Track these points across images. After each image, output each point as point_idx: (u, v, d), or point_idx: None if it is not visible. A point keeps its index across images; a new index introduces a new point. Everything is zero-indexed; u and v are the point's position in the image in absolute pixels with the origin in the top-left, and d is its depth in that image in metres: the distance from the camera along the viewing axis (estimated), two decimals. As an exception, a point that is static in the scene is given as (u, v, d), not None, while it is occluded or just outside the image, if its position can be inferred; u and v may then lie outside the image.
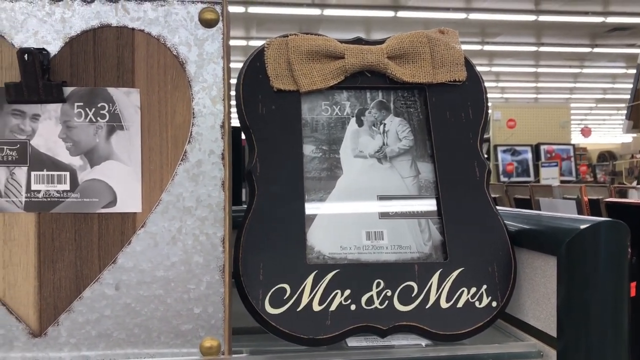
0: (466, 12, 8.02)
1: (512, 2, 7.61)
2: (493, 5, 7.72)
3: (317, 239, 0.71)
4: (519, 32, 8.81)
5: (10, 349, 0.60)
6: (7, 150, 0.60)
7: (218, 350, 0.62)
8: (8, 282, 0.60)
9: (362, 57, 0.76)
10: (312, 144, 0.75)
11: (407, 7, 7.79)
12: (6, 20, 0.60)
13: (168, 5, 0.62)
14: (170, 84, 0.62)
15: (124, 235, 0.61)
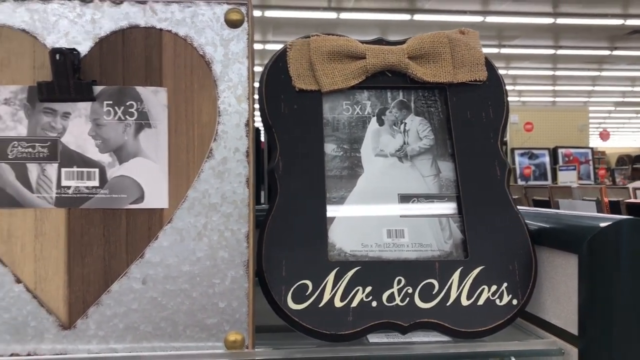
0: (483, 15, 7.99)
1: (529, 4, 7.56)
2: (510, 8, 7.68)
3: (339, 236, 0.72)
4: (537, 35, 8.75)
5: (41, 340, 0.62)
6: (38, 147, 0.62)
7: (242, 344, 0.63)
8: (39, 275, 0.62)
9: (383, 57, 0.77)
10: (333, 143, 0.76)
11: (424, 10, 7.78)
12: (39, 21, 0.62)
13: (195, 7, 0.63)
14: (196, 83, 0.63)
15: (151, 230, 0.63)
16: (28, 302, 0.62)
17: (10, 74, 0.62)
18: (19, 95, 0.62)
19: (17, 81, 0.62)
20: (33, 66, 0.62)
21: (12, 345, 0.61)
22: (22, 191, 0.62)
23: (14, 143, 0.62)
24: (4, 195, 0.62)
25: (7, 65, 0.62)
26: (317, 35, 0.79)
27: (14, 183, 0.62)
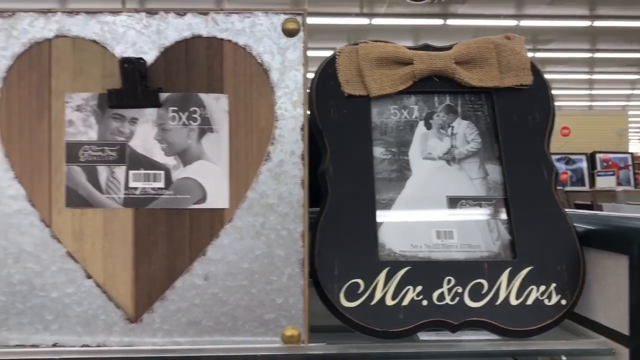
0: (517, 19, 7.90)
1: (565, 8, 7.45)
2: (545, 11, 7.58)
3: (388, 237, 0.74)
4: (573, 39, 8.61)
5: (109, 333, 0.66)
6: (108, 151, 0.66)
7: (298, 339, 0.66)
8: (108, 272, 0.66)
9: (430, 62, 0.79)
10: (381, 147, 0.78)
11: (457, 15, 7.74)
12: (108, 32, 0.67)
13: (254, 17, 0.67)
14: (255, 90, 0.66)
15: (213, 229, 0.66)
16: (98, 296, 0.66)
17: (82, 82, 0.66)
18: (90, 102, 0.66)
19: (88, 89, 0.66)
20: (103, 74, 0.66)
21: (83, 337, 0.65)
22: (92, 192, 0.66)
23: (85, 147, 0.66)
24: (76, 196, 0.66)
25: (79, 74, 0.66)
26: (365, 42, 0.81)
27: (85, 184, 0.66)
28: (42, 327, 0.65)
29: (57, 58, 0.66)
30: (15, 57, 0.66)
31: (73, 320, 0.65)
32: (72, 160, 0.66)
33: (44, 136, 0.66)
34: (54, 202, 0.66)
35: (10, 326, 0.65)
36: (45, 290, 0.65)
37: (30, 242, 0.66)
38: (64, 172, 0.66)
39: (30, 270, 0.65)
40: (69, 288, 0.66)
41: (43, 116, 0.66)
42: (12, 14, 0.66)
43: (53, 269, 0.66)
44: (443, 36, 8.31)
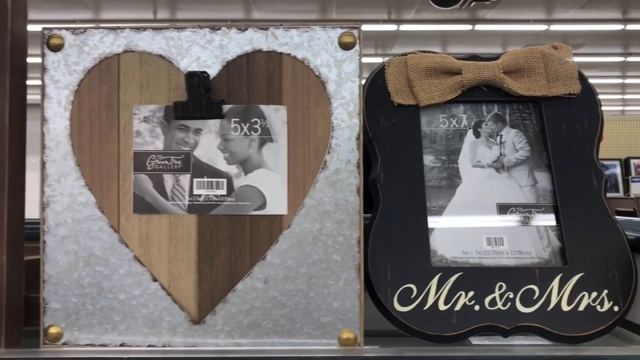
0: (547, 24, 7.82)
1: (597, 11, 7.34)
2: (576, 15, 7.48)
3: (440, 243, 0.76)
4: (605, 43, 8.47)
5: (174, 334, 0.69)
6: (173, 160, 0.69)
7: (355, 341, 0.68)
8: (173, 275, 0.69)
9: (478, 72, 0.81)
10: (431, 155, 0.80)
11: (485, 20, 7.69)
12: (174, 47, 0.70)
13: (311, 31, 0.69)
14: (312, 101, 0.69)
15: (272, 235, 0.69)
16: (163, 299, 0.69)
17: (148, 94, 0.70)
18: (157, 113, 0.70)
19: (155, 101, 0.70)
20: (169, 87, 0.70)
21: (149, 337, 0.69)
22: (158, 199, 0.69)
23: (152, 156, 0.69)
24: (143, 203, 0.69)
25: (146, 87, 0.70)
26: (414, 52, 0.83)
27: (151, 192, 0.69)
28: (110, 327, 0.69)
29: (126, 72, 0.70)
30: (86, 71, 0.70)
31: (139, 322, 0.69)
32: (139, 169, 0.69)
33: (113, 146, 0.70)
34: (122, 208, 0.69)
35: (81, 326, 0.69)
36: (114, 293, 0.69)
37: (99, 246, 0.69)
38: (131, 180, 0.69)
39: (99, 274, 0.69)
40: (136, 290, 0.69)
41: (112, 127, 0.70)
42: (83, 31, 0.70)
43: (121, 272, 0.69)
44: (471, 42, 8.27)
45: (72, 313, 0.69)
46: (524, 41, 8.43)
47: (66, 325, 0.69)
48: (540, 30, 7.84)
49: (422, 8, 7.17)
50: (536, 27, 7.76)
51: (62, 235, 0.69)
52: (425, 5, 6.93)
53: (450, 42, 8.48)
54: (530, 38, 8.35)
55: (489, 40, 8.48)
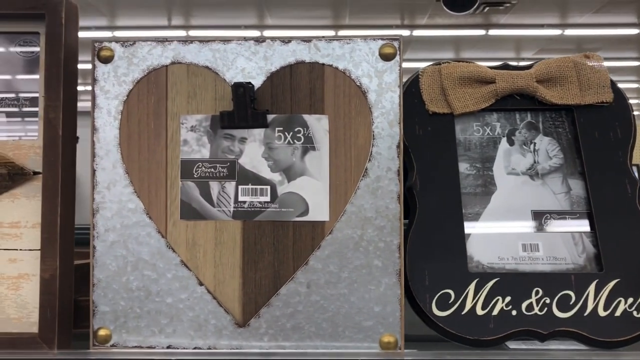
0: (561, 29, 7.78)
1: (612, 15, 7.30)
2: (591, 20, 7.44)
3: (476, 249, 0.77)
4: (620, 47, 8.42)
5: (219, 337, 0.71)
6: (219, 168, 0.72)
7: (395, 345, 0.69)
8: (218, 279, 0.71)
9: (512, 81, 0.83)
10: (466, 162, 0.82)
11: (499, 25, 7.67)
12: (220, 59, 0.72)
13: (353, 43, 0.72)
14: (354, 110, 0.71)
15: (315, 240, 0.71)
16: (209, 302, 0.71)
17: (195, 104, 0.72)
18: (203, 123, 0.72)
19: (202, 111, 0.72)
20: (215, 97, 0.72)
21: (195, 340, 0.71)
22: (205, 205, 0.71)
23: (198, 164, 0.72)
24: (190, 209, 0.72)
25: (193, 97, 0.72)
26: (448, 62, 0.85)
27: (198, 198, 0.72)
28: (157, 330, 0.71)
29: (173, 82, 0.72)
30: (135, 82, 0.73)
31: (186, 324, 0.71)
32: (186, 176, 0.72)
33: (161, 154, 0.72)
34: (170, 214, 0.72)
35: (129, 329, 0.71)
36: (161, 296, 0.71)
37: (147, 251, 0.72)
38: (179, 187, 0.72)
39: (147, 278, 0.71)
40: (183, 294, 0.71)
41: (160, 136, 0.72)
42: (132, 43, 0.73)
43: (168, 276, 0.71)
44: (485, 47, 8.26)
45: (121, 316, 0.71)
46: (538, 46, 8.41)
47: (115, 327, 0.71)
48: (555, 34, 7.81)
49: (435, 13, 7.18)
50: (550, 31, 7.73)
51: (111, 240, 0.72)
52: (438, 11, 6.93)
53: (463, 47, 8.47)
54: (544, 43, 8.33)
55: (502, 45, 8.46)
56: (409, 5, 7.17)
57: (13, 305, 0.72)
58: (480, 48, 8.28)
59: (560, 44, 8.09)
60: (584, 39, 8.07)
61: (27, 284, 0.72)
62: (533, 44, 8.68)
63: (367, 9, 7.10)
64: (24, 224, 0.72)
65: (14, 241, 0.72)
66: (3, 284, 0.72)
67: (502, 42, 8.09)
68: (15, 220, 0.72)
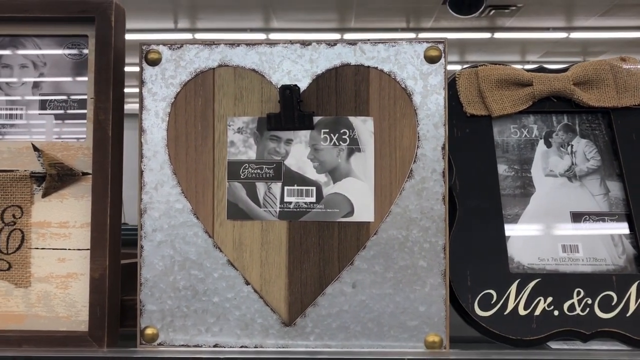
0: (567, 32, 7.78)
1: (617, 19, 7.30)
2: (596, 23, 7.45)
3: (516, 250, 0.78)
4: (626, 50, 8.41)
5: (266, 336, 0.72)
6: (265, 169, 0.73)
7: (440, 344, 0.70)
8: (264, 278, 0.72)
9: (549, 84, 0.83)
10: (504, 164, 0.83)
11: (504, 28, 7.68)
12: (266, 62, 0.73)
13: (398, 46, 0.72)
14: (399, 112, 0.72)
15: (360, 241, 0.71)
16: (255, 301, 0.72)
17: (242, 106, 0.73)
18: (250, 125, 0.73)
19: (248, 113, 0.73)
20: (261, 100, 0.73)
21: (241, 339, 0.72)
22: (251, 206, 0.72)
23: (245, 165, 0.73)
24: (236, 210, 0.72)
25: (239, 99, 0.73)
26: (484, 65, 0.86)
27: (245, 199, 0.72)
28: (204, 329, 0.72)
29: (220, 85, 0.73)
30: (182, 84, 0.74)
31: (232, 323, 0.72)
32: (233, 177, 0.73)
33: (208, 155, 0.73)
34: (217, 215, 0.72)
35: (176, 328, 0.72)
36: (208, 295, 0.72)
37: (194, 251, 0.72)
38: (225, 188, 0.73)
39: (194, 277, 0.72)
40: (229, 293, 0.72)
41: (207, 137, 0.73)
42: (180, 46, 0.74)
43: (215, 275, 0.72)
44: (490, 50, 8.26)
45: (168, 315, 0.72)
46: (544, 49, 8.41)
47: (162, 326, 0.72)
48: (560, 37, 7.81)
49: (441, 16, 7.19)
50: (556, 35, 7.74)
51: (158, 240, 0.73)
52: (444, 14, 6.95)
53: (469, 50, 8.47)
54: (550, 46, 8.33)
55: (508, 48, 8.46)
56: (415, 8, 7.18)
57: (62, 304, 0.73)
58: (486, 51, 8.28)
59: (566, 47, 8.10)
60: (590, 42, 8.08)
61: (75, 283, 0.73)
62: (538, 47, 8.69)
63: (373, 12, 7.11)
64: (73, 224, 0.73)
65: (62, 241, 0.73)
66: (52, 283, 0.73)
67: (507, 45, 8.09)
68: (64, 220, 0.73)
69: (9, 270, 0.73)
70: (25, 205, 0.73)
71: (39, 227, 0.74)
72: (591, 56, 8.95)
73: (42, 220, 0.74)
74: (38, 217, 0.74)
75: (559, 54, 8.76)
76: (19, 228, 0.73)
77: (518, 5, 6.81)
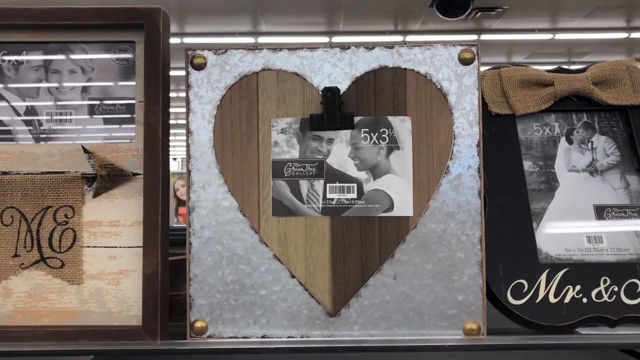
0: (552, 33, 7.91)
1: (601, 20, 7.43)
2: (581, 24, 7.57)
3: (544, 242, 0.82)
4: (609, 51, 8.57)
5: (312, 326, 0.75)
6: (308, 167, 0.76)
7: (478, 332, 0.74)
8: (309, 271, 0.75)
9: (570, 84, 0.88)
10: (529, 160, 0.87)
11: (491, 30, 7.78)
12: (307, 65, 0.77)
13: (433, 49, 0.76)
14: (435, 112, 0.76)
15: (400, 234, 0.75)
16: (301, 293, 0.75)
17: (285, 108, 0.77)
18: (293, 125, 0.77)
19: (291, 114, 0.77)
20: (303, 102, 0.77)
21: (288, 329, 0.75)
22: (295, 203, 0.76)
23: (288, 164, 0.76)
24: (281, 206, 0.76)
25: (282, 102, 0.77)
26: (507, 66, 0.90)
27: (289, 196, 0.76)
28: (252, 321, 0.75)
29: (264, 88, 0.77)
30: (227, 88, 0.77)
31: (279, 315, 0.75)
32: (277, 175, 0.76)
33: (253, 155, 0.76)
34: (262, 211, 0.76)
35: (225, 320, 0.75)
36: (255, 289, 0.75)
37: (241, 246, 0.76)
38: (270, 186, 0.76)
39: (241, 271, 0.75)
40: (276, 286, 0.75)
41: (252, 138, 0.76)
42: (224, 51, 0.77)
43: (262, 269, 0.75)
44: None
45: (217, 308, 0.75)
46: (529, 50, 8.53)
47: (211, 319, 0.75)
48: (545, 39, 7.93)
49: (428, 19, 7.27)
50: (541, 36, 7.86)
51: (206, 237, 0.76)
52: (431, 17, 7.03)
53: (457, 52, 8.52)
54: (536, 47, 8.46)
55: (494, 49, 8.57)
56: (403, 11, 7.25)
57: (114, 300, 0.75)
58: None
59: (551, 48, 8.23)
60: (574, 42, 8.21)
61: (126, 279, 0.76)
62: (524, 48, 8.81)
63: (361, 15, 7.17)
64: (123, 223, 0.76)
65: (113, 239, 0.76)
66: (104, 279, 0.76)
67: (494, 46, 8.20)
68: (114, 219, 0.76)
69: (62, 268, 0.76)
70: (76, 205, 0.76)
71: (90, 226, 0.76)
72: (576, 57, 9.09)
73: (93, 219, 0.76)
74: (89, 217, 0.76)
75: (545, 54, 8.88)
76: (71, 227, 0.76)
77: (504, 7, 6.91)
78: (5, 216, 0.76)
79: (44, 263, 0.76)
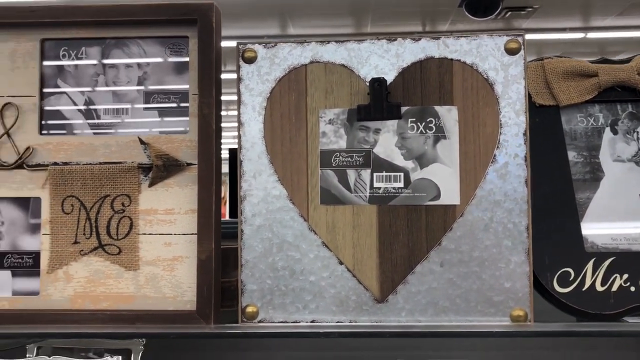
0: (584, 32, 7.77)
1: (635, 18, 7.28)
2: (614, 22, 7.43)
3: (590, 231, 0.82)
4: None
5: (360, 312, 0.77)
6: (355, 157, 0.78)
7: (525, 318, 0.75)
8: (357, 258, 0.77)
9: (614, 74, 0.88)
10: (573, 151, 0.87)
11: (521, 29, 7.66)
12: (354, 57, 0.79)
13: (479, 39, 0.78)
14: (481, 101, 0.77)
15: (446, 223, 0.76)
16: (349, 280, 0.77)
17: (332, 99, 0.79)
18: (340, 116, 0.79)
19: (338, 105, 0.79)
20: (350, 93, 0.79)
21: (337, 315, 0.77)
22: (343, 191, 0.78)
23: (336, 154, 0.78)
24: (329, 195, 0.78)
25: (330, 93, 0.79)
26: (550, 57, 0.91)
27: (337, 185, 0.78)
28: (301, 306, 0.77)
29: (312, 80, 0.79)
30: (277, 80, 0.79)
31: (328, 301, 0.77)
32: (325, 165, 0.78)
33: (301, 145, 0.78)
34: (311, 200, 0.78)
35: (275, 305, 0.77)
36: (304, 275, 0.77)
37: (291, 234, 0.78)
38: (318, 175, 0.78)
39: (291, 258, 0.78)
40: (324, 273, 0.77)
41: (301, 129, 0.79)
42: (274, 45, 0.79)
43: (310, 256, 0.77)
44: (507, 51, 8.25)
45: (267, 294, 0.78)
46: (560, 50, 8.40)
47: (262, 304, 0.78)
48: (577, 38, 7.80)
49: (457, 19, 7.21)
50: (572, 35, 7.73)
51: (257, 224, 0.78)
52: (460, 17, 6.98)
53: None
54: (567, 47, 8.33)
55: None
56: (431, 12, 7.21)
57: (168, 285, 0.78)
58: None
59: (583, 47, 8.09)
60: (607, 41, 8.06)
61: (180, 266, 0.78)
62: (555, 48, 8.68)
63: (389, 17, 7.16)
64: (178, 211, 0.79)
65: (168, 226, 0.79)
66: (159, 265, 0.79)
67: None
68: (169, 207, 0.79)
69: (119, 254, 0.79)
70: (133, 194, 0.79)
71: (146, 214, 0.79)
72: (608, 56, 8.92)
73: (149, 207, 0.79)
74: (145, 205, 0.79)
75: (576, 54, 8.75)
76: (128, 215, 0.79)
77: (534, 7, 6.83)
78: (66, 205, 0.80)
79: (102, 250, 0.79)
